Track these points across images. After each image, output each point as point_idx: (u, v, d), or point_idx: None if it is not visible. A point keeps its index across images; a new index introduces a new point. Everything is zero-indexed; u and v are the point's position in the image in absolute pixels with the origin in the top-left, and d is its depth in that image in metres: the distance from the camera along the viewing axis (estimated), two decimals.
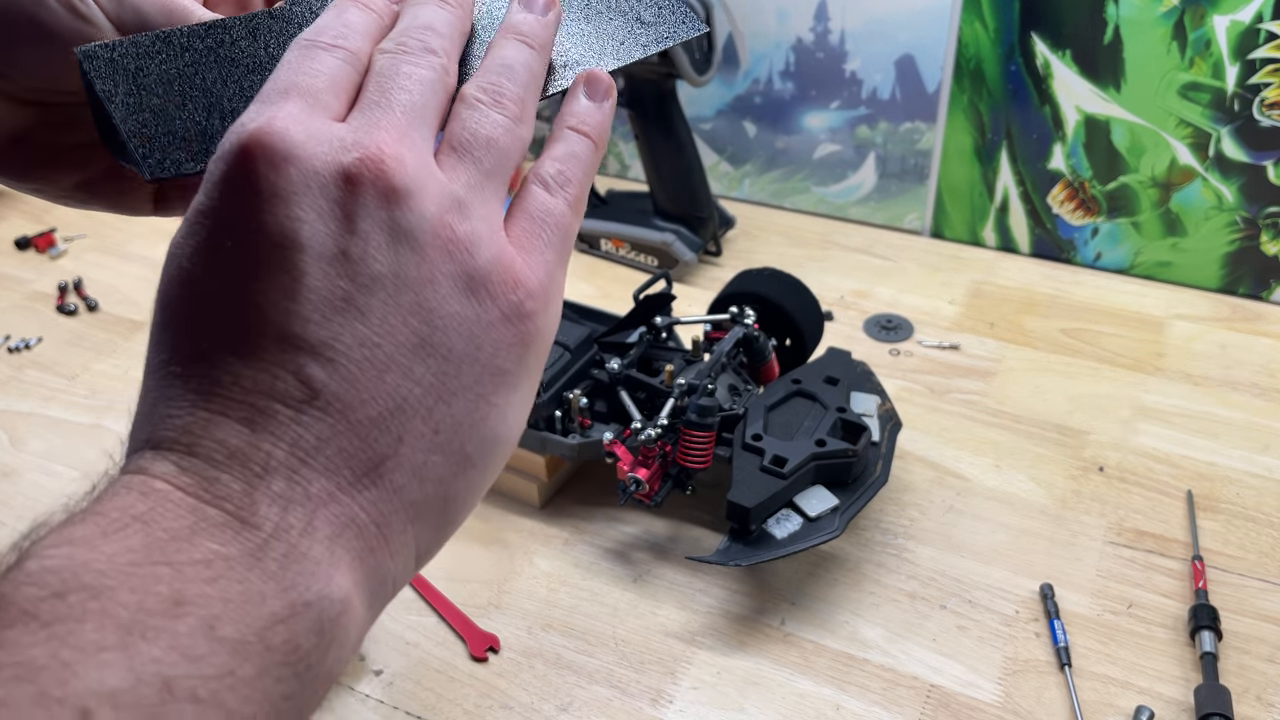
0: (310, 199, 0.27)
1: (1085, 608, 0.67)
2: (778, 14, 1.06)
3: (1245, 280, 0.99)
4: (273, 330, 0.26)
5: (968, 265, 1.05)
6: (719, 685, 0.64)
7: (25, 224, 1.17)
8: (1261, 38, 0.88)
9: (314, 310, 0.26)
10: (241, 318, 0.26)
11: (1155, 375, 0.88)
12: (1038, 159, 1.02)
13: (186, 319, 0.27)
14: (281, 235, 0.26)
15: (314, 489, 0.26)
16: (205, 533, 0.25)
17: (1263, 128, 0.92)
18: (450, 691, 0.63)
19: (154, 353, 0.28)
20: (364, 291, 0.27)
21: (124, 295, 1.05)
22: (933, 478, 0.78)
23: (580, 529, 0.75)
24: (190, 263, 0.27)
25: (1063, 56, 0.96)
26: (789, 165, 1.14)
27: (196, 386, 0.26)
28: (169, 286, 0.28)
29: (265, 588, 0.24)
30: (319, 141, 0.27)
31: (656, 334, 0.78)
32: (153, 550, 0.24)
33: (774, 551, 0.64)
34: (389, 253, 0.27)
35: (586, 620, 0.68)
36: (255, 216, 0.27)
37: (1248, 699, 0.61)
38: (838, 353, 0.78)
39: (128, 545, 0.24)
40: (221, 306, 0.27)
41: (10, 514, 0.78)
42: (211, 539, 0.24)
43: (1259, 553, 0.71)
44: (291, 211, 0.27)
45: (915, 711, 0.62)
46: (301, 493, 0.26)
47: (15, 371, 0.94)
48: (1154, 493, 0.76)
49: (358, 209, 0.27)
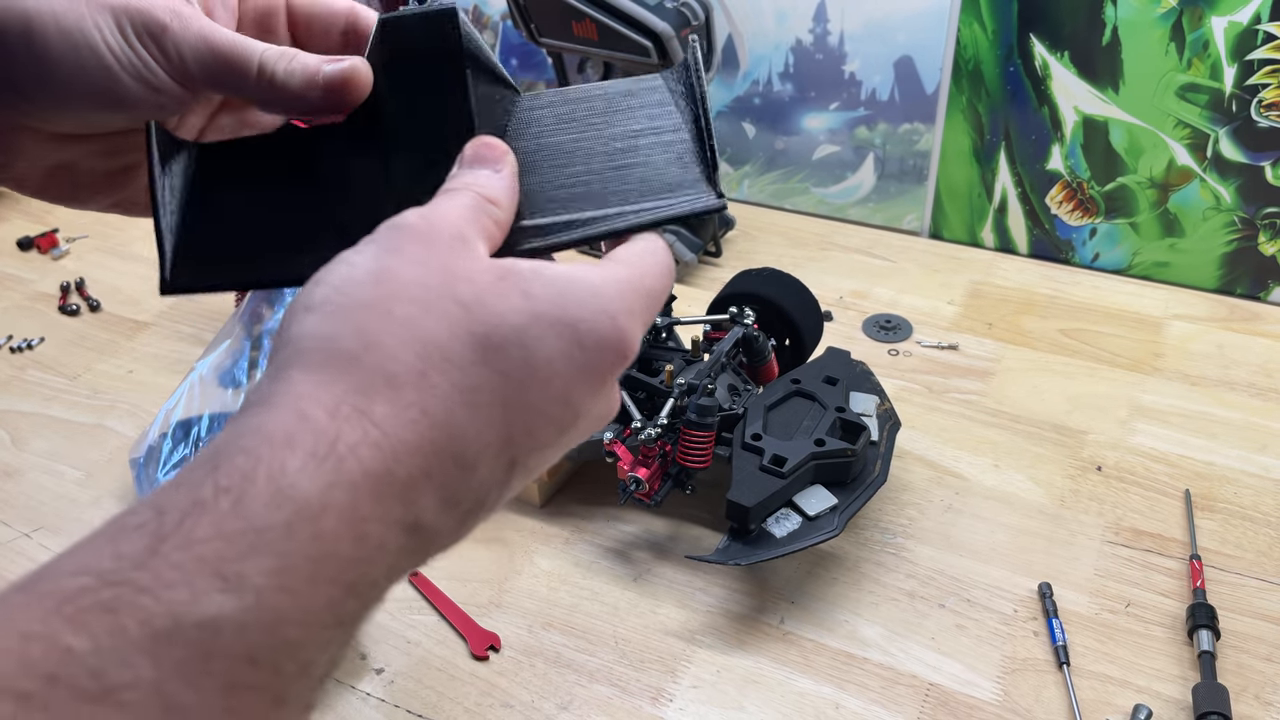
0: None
1: (1083, 607, 0.68)
2: (777, 15, 1.06)
3: (1243, 280, 0.99)
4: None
5: (966, 266, 1.05)
6: (719, 684, 0.64)
7: (27, 224, 1.17)
8: (1259, 39, 0.88)
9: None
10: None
11: (1153, 375, 0.89)
12: (1036, 160, 1.02)
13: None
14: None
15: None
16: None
17: (1260, 128, 0.92)
18: (451, 690, 0.64)
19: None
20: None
21: (126, 295, 1.05)
22: (931, 477, 0.78)
23: (580, 528, 0.75)
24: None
25: (1061, 58, 0.96)
26: (788, 166, 1.14)
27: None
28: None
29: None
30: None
31: (656, 334, 0.78)
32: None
33: (773, 550, 0.65)
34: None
35: (587, 619, 0.68)
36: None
37: (1245, 697, 0.61)
38: (837, 353, 0.78)
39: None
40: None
41: (12, 513, 0.78)
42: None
43: (1256, 552, 0.71)
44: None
45: (914, 710, 0.62)
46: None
47: (17, 371, 0.94)
48: (1152, 492, 0.76)
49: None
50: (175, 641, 0.23)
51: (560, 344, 0.30)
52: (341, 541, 0.26)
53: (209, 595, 0.23)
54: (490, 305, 0.29)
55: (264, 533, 0.24)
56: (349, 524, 0.26)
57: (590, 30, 0.93)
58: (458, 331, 0.28)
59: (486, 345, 0.29)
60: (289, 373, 0.28)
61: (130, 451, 0.80)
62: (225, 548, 0.24)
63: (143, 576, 0.23)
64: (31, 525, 0.77)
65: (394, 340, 0.28)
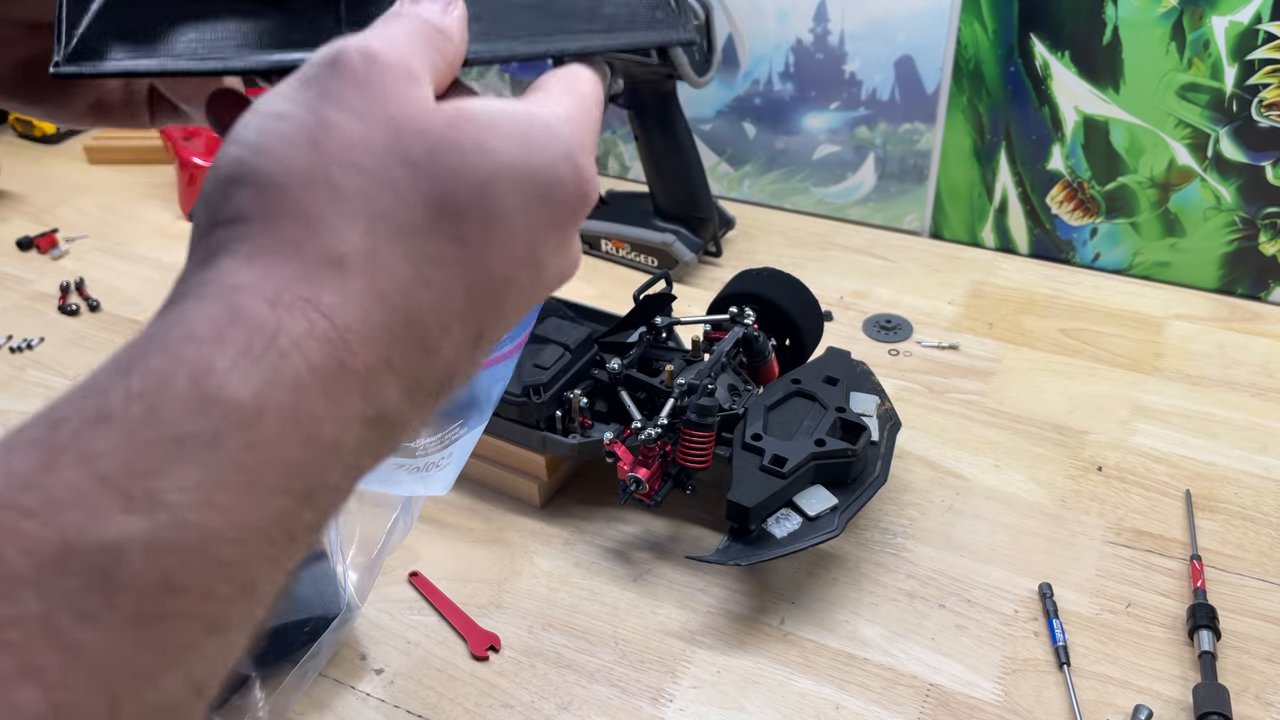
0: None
1: (1084, 607, 0.68)
2: (777, 15, 1.06)
3: (1243, 280, 0.99)
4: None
5: (967, 265, 1.05)
6: (719, 684, 0.64)
7: (27, 224, 1.17)
8: (1260, 38, 0.88)
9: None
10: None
11: (1154, 375, 0.89)
12: (1036, 160, 1.02)
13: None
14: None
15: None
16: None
17: (1261, 128, 0.92)
18: (451, 690, 0.64)
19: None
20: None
21: (126, 295, 1.05)
22: (932, 477, 0.78)
23: (580, 528, 0.75)
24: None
25: (1061, 57, 0.96)
26: (789, 166, 1.14)
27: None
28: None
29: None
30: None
31: (656, 334, 0.78)
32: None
33: (773, 551, 0.65)
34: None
35: (587, 619, 0.68)
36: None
37: (1246, 698, 0.61)
38: (837, 353, 0.78)
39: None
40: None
41: None
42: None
43: (1257, 552, 0.71)
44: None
45: (914, 710, 0.62)
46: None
47: (17, 371, 0.94)
48: (1152, 492, 0.76)
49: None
50: (67, 571, 0.20)
51: (522, 199, 0.27)
52: (285, 446, 0.23)
53: (110, 516, 0.21)
54: (444, 163, 0.26)
55: (183, 442, 0.22)
56: (293, 426, 0.23)
57: None
58: (410, 198, 0.26)
59: (443, 209, 0.26)
60: (218, 260, 0.25)
61: None
62: (134, 461, 0.21)
63: (30, 498, 0.21)
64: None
65: (339, 216, 0.25)
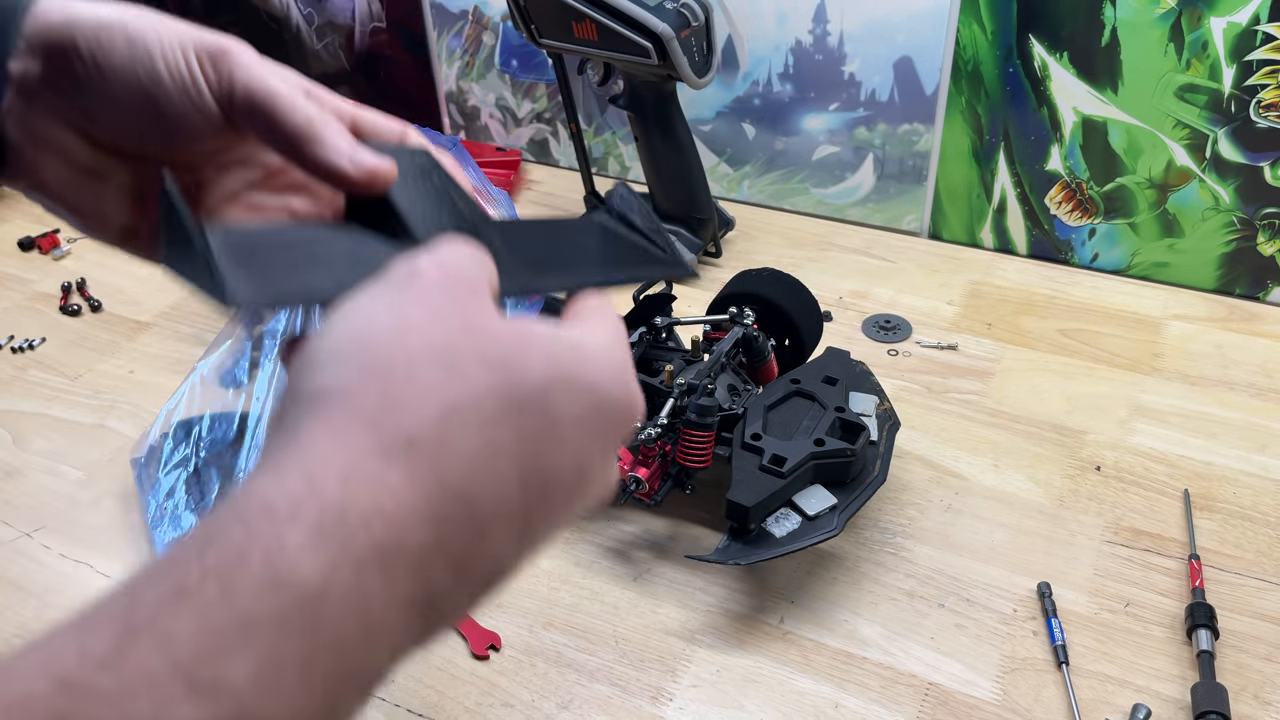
0: None
1: (1083, 606, 0.68)
2: (777, 16, 1.06)
3: (1242, 281, 1.00)
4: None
5: (966, 266, 1.05)
6: (719, 683, 0.64)
7: (29, 225, 1.17)
8: (1258, 40, 0.88)
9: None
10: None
11: (1152, 375, 0.89)
12: (1035, 160, 1.02)
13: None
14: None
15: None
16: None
17: (1259, 129, 0.92)
18: (451, 689, 0.64)
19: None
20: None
21: (127, 296, 1.05)
22: (931, 477, 0.78)
23: (580, 528, 0.75)
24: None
25: (1060, 58, 0.96)
26: (788, 167, 1.14)
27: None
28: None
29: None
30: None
31: (656, 334, 0.78)
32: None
33: (773, 550, 0.65)
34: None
35: (587, 618, 0.68)
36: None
37: (1244, 697, 0.62)
38: (836, 353, 0.78)
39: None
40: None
41: (13, 513, 0.78)
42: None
43: (1256, 552, 0.71)
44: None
45: (914, 709, 0.62)
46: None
47: (19, 371, 0.95)
48: (1151, 492, 0.77)
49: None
50: None
51: (579, 408, 0.29)
52: (344, 627, 0.24)
53: (174, 705, 0.21)
54: (514, 364, 0.28)
55: (251, 627, 0.22)
56: (353, 608, 0.24)
57: (590, 31, 0.93)
58: (481, 391, 0.27)
59: (509, 405, 0.28)
60: (301, 431, 0.26)
61: (131, 452, 0.80)
62: (206, 645, 0.22)
63: (105, 681, 0.21)
64: (32, 525, 0.77)
65: (416, 400, 0.26)
